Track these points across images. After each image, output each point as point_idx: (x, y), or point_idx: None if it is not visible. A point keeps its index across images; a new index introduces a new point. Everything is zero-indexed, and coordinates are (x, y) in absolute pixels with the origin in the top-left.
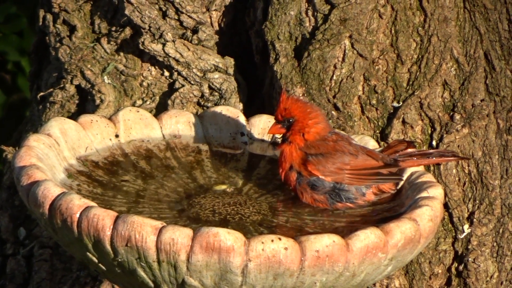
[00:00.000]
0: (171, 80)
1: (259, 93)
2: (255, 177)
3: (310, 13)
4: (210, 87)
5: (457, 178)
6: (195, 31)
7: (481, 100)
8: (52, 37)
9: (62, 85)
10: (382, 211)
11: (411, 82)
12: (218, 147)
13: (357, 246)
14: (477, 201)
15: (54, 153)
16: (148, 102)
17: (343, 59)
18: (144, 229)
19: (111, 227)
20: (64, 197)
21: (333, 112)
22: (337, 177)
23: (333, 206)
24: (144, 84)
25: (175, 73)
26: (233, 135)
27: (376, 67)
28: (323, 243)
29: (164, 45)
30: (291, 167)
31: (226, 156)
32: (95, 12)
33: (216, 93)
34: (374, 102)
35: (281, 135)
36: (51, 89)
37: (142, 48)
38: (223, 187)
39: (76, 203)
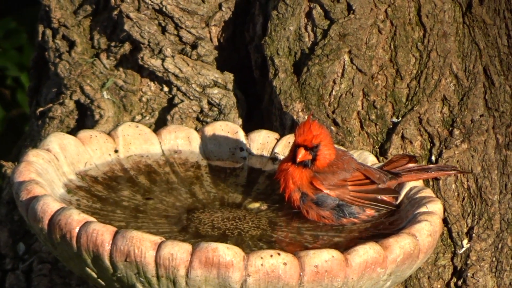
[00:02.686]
0: (170, 96)
1: (258, 109)
2: (254, 192)
3: (309, 28)
4: (209, 103)
5: (456, 193)
6: (194, 46)
7: (480, 116)
8: (51, 53)
9: (61, 101)
10: (381, 226)
11: (410, 98)
12: (217, 162)
13: (356, 261)
14: (476, 216)
15: (53, 168)
16: (147, 118)
17: (342, 75)
18: (143, 244)
19: (110, 242)
20: (63, 212)
21: (332, 127)
22: (340, 190)
23: (339, 222)
24: (144, 99)
25: (174, 89)
26: (232, 150)
27: (376, 83)
28: (322, 258)
29: (163, 60)
30: (298, 188)
31: (225, 171)
32: (95, 28)
33: (215, 109)
34: (373, 117)
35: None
36: (50, 105)
37: (141, 63)
38: (257, 205)
39: (75, 218)
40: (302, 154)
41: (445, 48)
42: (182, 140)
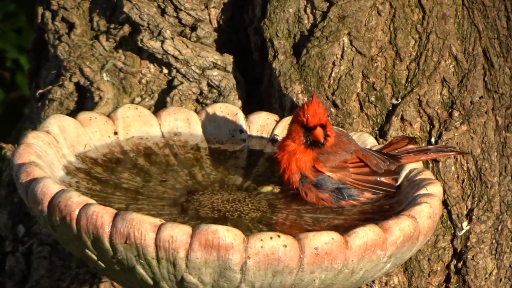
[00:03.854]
0: (170, 77)
1: (257, 90)
2: (254, 174)
3: (308, 10)
4: (209, 84)
5: (456, 175)
6: (194, 28)
7: (480, 97)
8: (51, 35)
9: (61, 83)
10: (381, 208)
11: (409, 79)
12: (217, 144)
13: (356, 243)
14: (476, 198)
15: (53, 150)
16: (147, 99)
17: (342, 56)
18: (143, 226)
19: (110, 224)
20: (63, 194)
21: (332, 109)
22: (342, 173)
23: (337, 204)
24: (143, 81)
25: (174, 70)
26: (232, 132)
27: (375, 64)
28: (322, 240)
29: (163, 42)
30: (298, 171)
31: (225, 153)
32: (94, 10)
33: (215, 90)
34: (373, 99)
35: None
36: (50, 87)
37: (141, 45)
38: (269, 188)
39: (75, 200)
40: (322, 135)
41: (445, 30)
42: (181, 122)
